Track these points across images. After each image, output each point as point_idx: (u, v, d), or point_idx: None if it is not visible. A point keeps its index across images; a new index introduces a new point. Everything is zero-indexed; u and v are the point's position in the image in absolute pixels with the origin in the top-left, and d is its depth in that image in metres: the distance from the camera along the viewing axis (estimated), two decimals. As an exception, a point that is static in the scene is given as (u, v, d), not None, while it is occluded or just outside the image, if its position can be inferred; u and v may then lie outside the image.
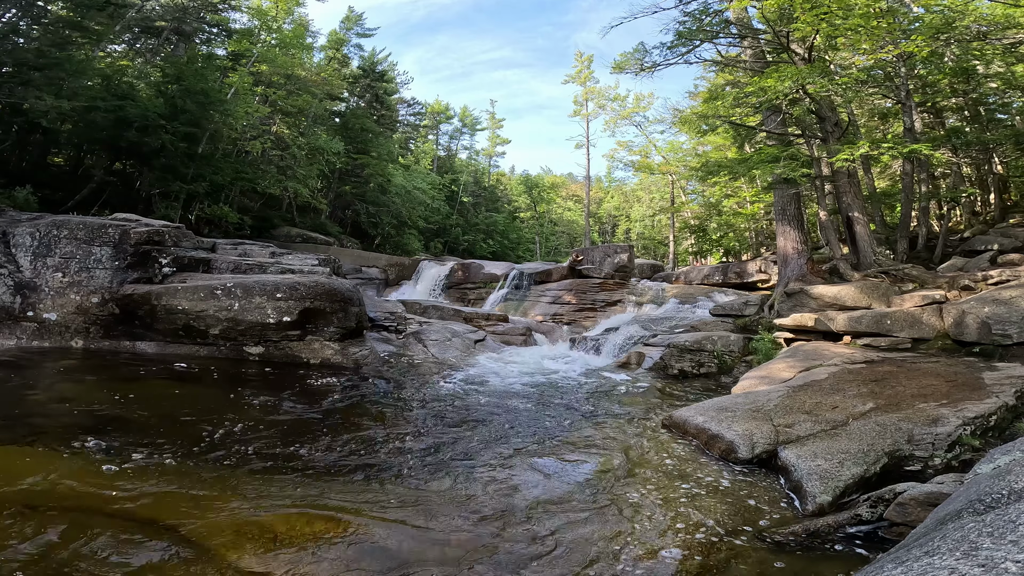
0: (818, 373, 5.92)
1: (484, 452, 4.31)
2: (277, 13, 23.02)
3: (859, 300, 8.68)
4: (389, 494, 3.41)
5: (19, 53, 12.90)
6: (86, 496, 3.06)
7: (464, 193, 40.64)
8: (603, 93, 35.02)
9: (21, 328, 7.42)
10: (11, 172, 14.00)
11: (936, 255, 12.22)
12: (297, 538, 2.75)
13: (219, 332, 7.56)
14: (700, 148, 27.24)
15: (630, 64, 12.33)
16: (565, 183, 57.85)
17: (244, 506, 3.09)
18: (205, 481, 3.42)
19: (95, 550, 2.53)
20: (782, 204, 11.29)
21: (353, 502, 3.25)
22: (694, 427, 4.64)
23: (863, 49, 10.20)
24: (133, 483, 3.27)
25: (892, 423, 4.09)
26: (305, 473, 3.68)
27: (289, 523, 2.89)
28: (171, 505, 3.04)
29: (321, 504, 3.18)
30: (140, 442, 4.00)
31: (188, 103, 16.19)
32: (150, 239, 8.47)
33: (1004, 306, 6.73)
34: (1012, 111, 13.01)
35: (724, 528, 3.08)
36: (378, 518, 3.04)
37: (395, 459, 4.08)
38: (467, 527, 3.02)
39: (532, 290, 16.43)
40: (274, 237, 20.35)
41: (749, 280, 16.34)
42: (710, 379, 7.97)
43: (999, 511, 1.60)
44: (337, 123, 28.78)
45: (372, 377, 7.05)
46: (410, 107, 39.78)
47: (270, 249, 10.80)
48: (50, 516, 2.79)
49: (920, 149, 9.37)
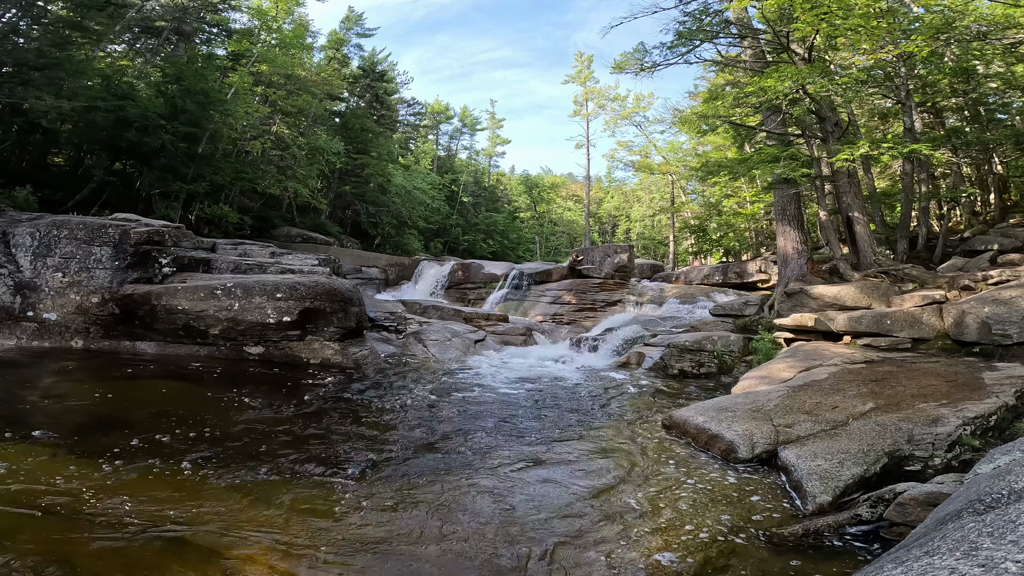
0: (818, 373, 5.92)
1: (484, 453, 4.30)
2: (277, 13, 23.02)
3: (859, 300, 8.68)
4: (381, 497, 3.40)
5: (19, 53, 12.90)
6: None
7: (464, 193, 40.65)
8: (603, 93, 35.10)
9: (21, 328, 7.43)
10: (11, 172, 14.00)
11: (936, 255, 12.23)
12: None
13: (219, 332, 7.56)
14: (700, 148, 27.25)
15: (630, 64, 12.34)
16: (565, 183, 57.86)
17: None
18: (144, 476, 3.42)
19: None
20: (782, 204, 11.29)
21: (332, 505, 3.24)
22: (694, 427, 4.64)
23: (863, 49, 10.20)
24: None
25: (892, 423, 4.09)
26: (295, 472, 3.68)
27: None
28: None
29: (307, 509, 3.18)
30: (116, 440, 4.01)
31: (188, 103, 16.20)
32: (150, 239, 8.47)
33: (1004, 306, 6.73)
34: (1012, 111, 13.01)
35: (724, 528, 3.08)
36: (361, 534, 2.94)
37: (392, 460, 4.08)
38: (466, 527, 3.02)
39: (532, 290, 16.43)
40: (274, 237, 20.35)
41: (749, 280, 16.35)
42: (710, 379, 7.96)
43: (999, 511, 1.60)
44: (337, 123, 28.79)
45: (372, 377, 7.05)
46: (410, 107, 39.80)
47: (270, 249, 10.79)
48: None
49: (920, 149, 9.37)
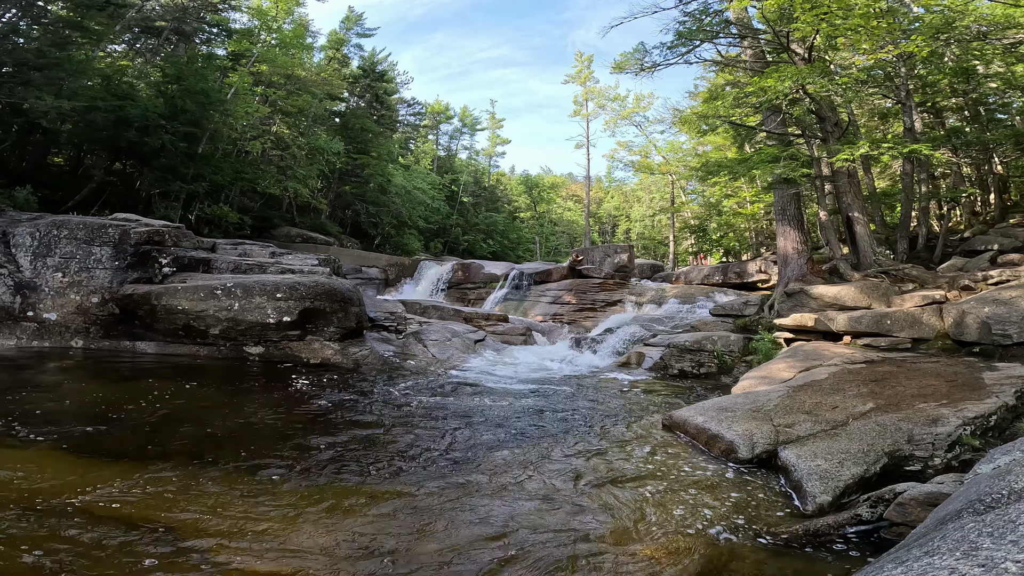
0: (818, 373, 5.91)
1: (483, 453, 4.30)
2: (277, 13, 23.00)
3: (859, 300, 8.68)
4: (378, 499, 3.40)
5: (19, 53, 12.90)
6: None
7: (464, 193, 40.63)
8: (603, 93, 35.08)
9: (21, 328, 7.43)
10: (11, 172, 14.00)
11: (936, 255, 12.23)
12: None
13: (219, 332, 7.56)
14: (700, 148, 27.24)
15: (630, 64, 12.35)
16: (565, 183, 57.88)
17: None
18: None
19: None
20: (782, 204, 11.30)
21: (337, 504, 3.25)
22: (694, 427, 4.64)
23: (863, 49, 10.19)
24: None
25: (892, 423, 4.09)
26: (295, 472, 3.68)
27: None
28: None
29: (309, 508, 3.18)
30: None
31: (188, 103, 16.20)
32: (150, 239, 8.47)
33: (1004, 306, 6.73)
34: (1012, 111, 13.01)
35: (724, 528, 3.08)
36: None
37: (389, 461, 4.08)
38: (466, 527, 3.02)
39: (532, 290, 16.44)
40: (274, 237, 20.35)
41: (749, 280, 16.35)
42: (710, 379, 7.97)
43: (999, 511, 1.59)
44: (337, 123, 28.78)
45: (371, 377, 7.05)
46: (410, 107, 39.80)
47: (270, 249, 10.80)
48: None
49: (920, 149, 9.38)
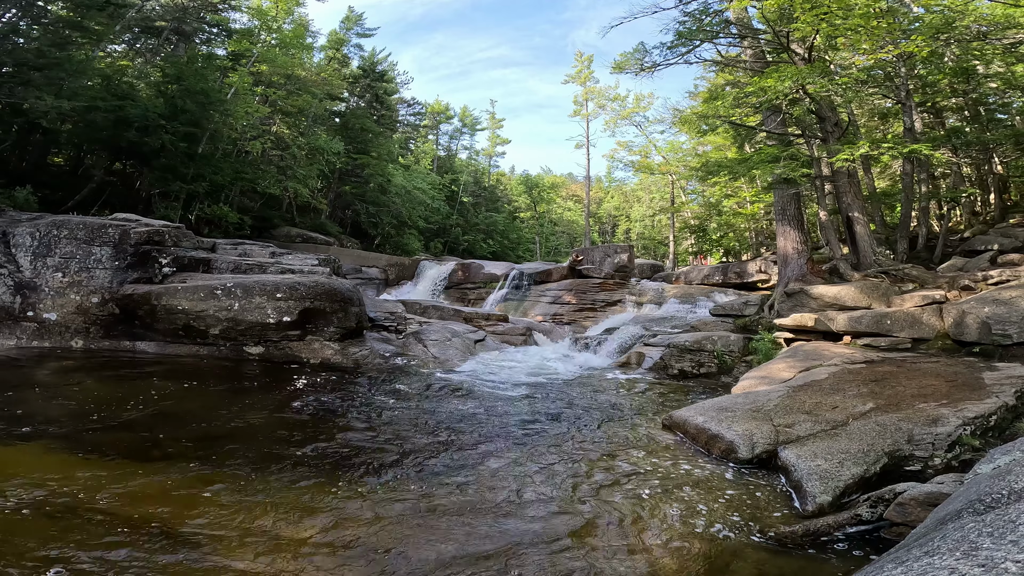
0: (818, 373, 5.91)
1: (483, 453, 4.30)
2: (277, 13, 22.99)
3: (859, 300, 8.68)
4: (377, 500, 3.40)
5: (19, 53, 12.90)
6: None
7: (464, 193, 40.63)
8: (603, 93, 35.08)
9: (21, 328, 7.43)
10: (11, 172, 14.00)
11: (936, 255, 12.23)
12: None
13: (219, 332, 7.56)
14: (700, 148, 27.24)
15: (630, 64, 12.35)
16: (565, 183, 57.87)
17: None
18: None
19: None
20: (782, 204, 11.30)
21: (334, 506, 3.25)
22: (694, 427, 4.64)
23: (863, 49, 10.19)
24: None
25: (892, 423, 4.09)
26: (296, 468, 3.68)
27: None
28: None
29: (308, 509, 3.18)
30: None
31: (188, 103, 16.20)
32: (150, 239, 8.47)
33: (1004, 306, 6.73)
34: (1012, 111, 13.02)
35: (724, 528, 3.08)
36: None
37: (389, 461, 4.08)
38: (465, 527, 3.02)
39: (532, 290, 16.44)
40: (274, 237, 20.35)
41: (749, 280, 16.35)
42: (710, 379, 7.96)
43: (999, 511, 1.59)
44: (337, 123, 28.78)
45: (371, 377, 7.05)
46: (410, 107, 39.79)
47: (270, 249, 10.80)
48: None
49: (920, 149, 9.38)
